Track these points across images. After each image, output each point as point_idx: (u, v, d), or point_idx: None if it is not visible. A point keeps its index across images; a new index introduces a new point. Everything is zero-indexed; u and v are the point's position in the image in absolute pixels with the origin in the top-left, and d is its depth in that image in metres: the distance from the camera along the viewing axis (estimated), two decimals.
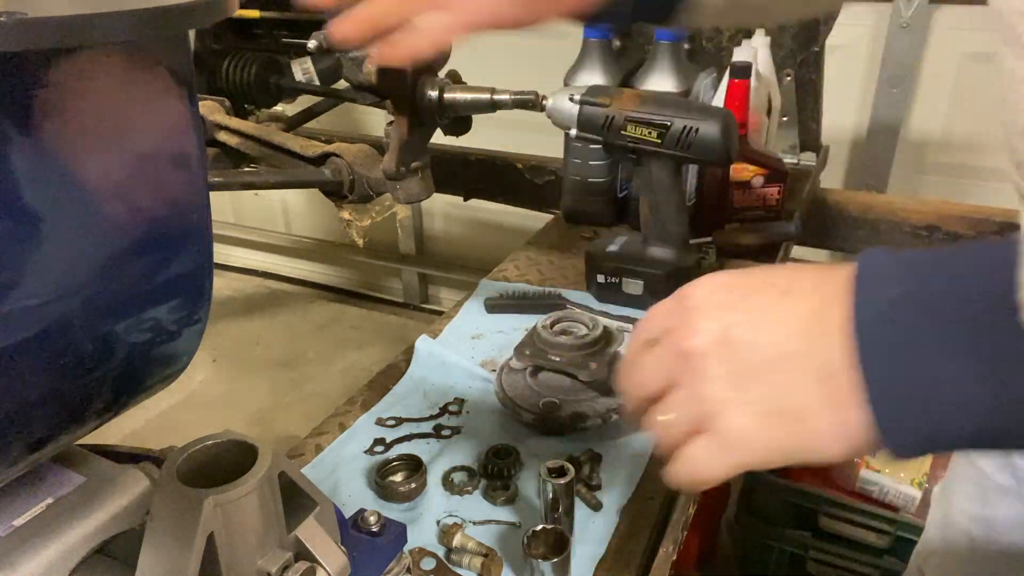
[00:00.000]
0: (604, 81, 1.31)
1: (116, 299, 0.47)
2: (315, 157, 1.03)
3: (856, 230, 1.36)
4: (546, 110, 1.03)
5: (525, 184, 1.69)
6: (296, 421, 2.28)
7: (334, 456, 0.86)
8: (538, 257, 1.32)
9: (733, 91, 1.27)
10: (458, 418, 0.93)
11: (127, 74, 0.44)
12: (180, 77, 0.47)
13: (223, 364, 2.59)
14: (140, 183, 0.47)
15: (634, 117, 1.03)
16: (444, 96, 0.92)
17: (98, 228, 0.45)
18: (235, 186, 1.01)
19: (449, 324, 1.12)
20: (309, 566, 0.49)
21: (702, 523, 1.71)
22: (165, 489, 0.45)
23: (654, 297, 1.26)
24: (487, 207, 1.95)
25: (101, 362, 0.48)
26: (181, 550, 0.44)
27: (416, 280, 2.91)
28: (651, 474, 0.83)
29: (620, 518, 0.77)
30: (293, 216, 3.10)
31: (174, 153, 0.49)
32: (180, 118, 0.48)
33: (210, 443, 0.48)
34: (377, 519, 0.59)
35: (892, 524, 1.43)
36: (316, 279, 3.16)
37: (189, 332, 0.54)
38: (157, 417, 2.22)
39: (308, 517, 0.50)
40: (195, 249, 0.52)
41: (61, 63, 0.40)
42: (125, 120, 0.45)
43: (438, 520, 0.77)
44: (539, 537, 0.67)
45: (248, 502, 0.45)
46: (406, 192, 0.94)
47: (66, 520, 0.50)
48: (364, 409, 0.94)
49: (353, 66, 0.90)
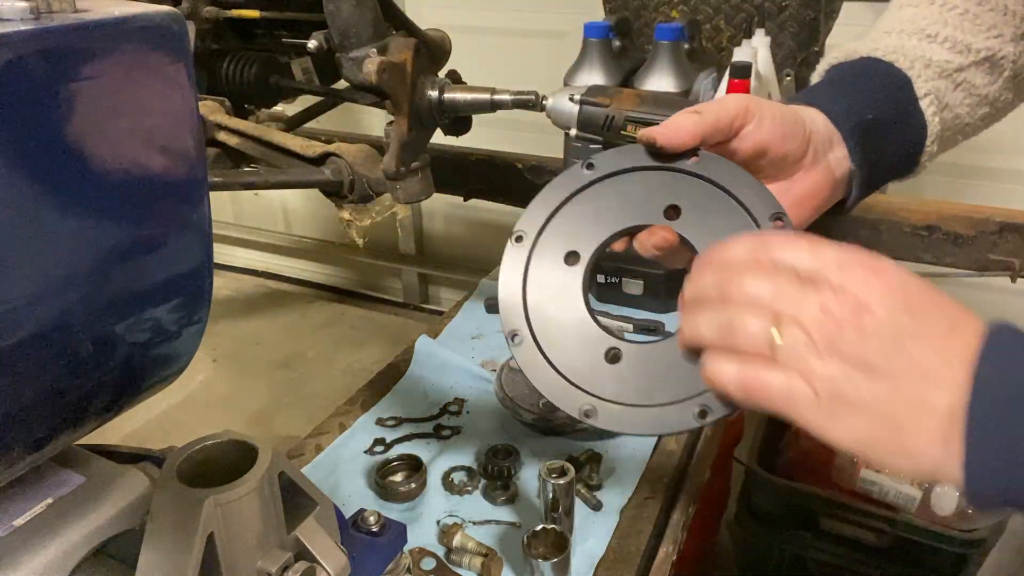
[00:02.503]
0: (604, 81, 1.31)
1: (116, 299, 0.47)
2: (315, 157, 1.03)
3: (857, 229, 1.35)
4: (546, 110, 1.03)
5: (525, 184, 1.69)
6: (296, 421, 2.28)
7: (334, 456, 0.86)
8: None
9: (733, 91, 1.27)
10: (458, 418, 0.93)
11: (127, 75, 0.44)
12: (180, 77, 0.47)
13: (223, 364, 2.58)
14: (140, 183, 0.47)
15: (634, 117, 1.03)
16: (444, 96, 0.92)
17: (98, 228, 0.45)
18: (235, 186, 1.01)
19: (449, 324, 1.12)
20: (309, 566, 0.49)
21: (702, 523, 1.71)
22: (165, 489, 0.45)
23: (654, 297, 1.26)
24: (487, 207, 1.95)
25: (101, 362, 0.48)
26: (181, 550, 0.44)
27: (416, 280, 2.91)
28: (651, 474, 0.83)
29: (620, 518, 0.77)
30: (293, 216, 3.10)
31: (174, 153, 0.49)
32: (180, 118, 0.48)
33: (210, 443, 0.48)
34: (377, 519, 0.59)
35: (892, 524, 1.43)
36: (316, 279, 3.16)
37: (189, 332, 0.54)
38: (157, 417, 2.22)
39: (308, 517, 0.50)
40: (195, 249, 0.52)
41: (61, 64, 0.40)
42: (125, 120, 0.45)
43: (438, 520, 0.77)
44: (539, 537, 0.67)
45: (248, 502, 0.45)
46: (406, 192, 0.94)
47: (66, 520, 0.50)
48: (364, 409, 0.94)
49: (353, 66, 0.90)
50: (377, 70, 0.84)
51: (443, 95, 0.92)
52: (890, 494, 1.47)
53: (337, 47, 0.91)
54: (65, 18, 0.41)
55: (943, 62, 0.66)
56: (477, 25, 2.31)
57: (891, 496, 1.47)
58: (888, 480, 1.46)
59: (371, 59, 0.85)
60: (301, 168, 1.04)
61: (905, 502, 1.46)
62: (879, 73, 0.66)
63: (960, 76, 0.67)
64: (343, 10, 0.88)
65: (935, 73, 0.66)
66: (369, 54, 0.88)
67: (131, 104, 0.45)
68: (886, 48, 0.67)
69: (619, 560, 0.73)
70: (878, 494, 1.47)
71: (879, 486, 1.47)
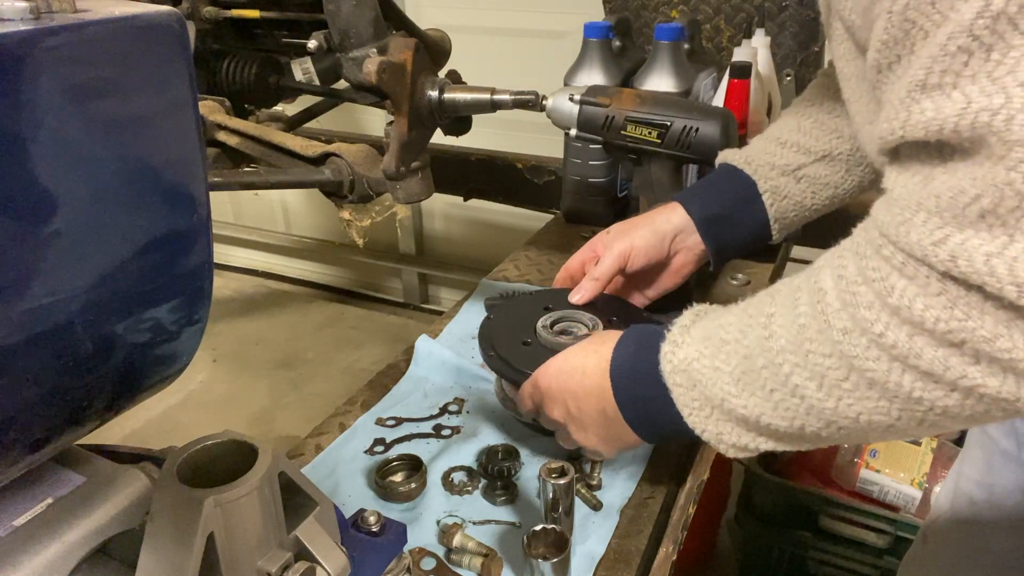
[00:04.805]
0: (604, 81, 1.31)
1: (116, 299, 0.47)
2: (315, 157, 1.03)
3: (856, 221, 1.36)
4: (546, 110, 1.03)
5: (525, 184, 1.69)
6: (296, 421, 2.28)
7: (334, 456, 0.86)
8: (538, 257, 1.32)
9: (733, 91, 1.27)
10: (458, 418, 0.93)
11: (128, 75, 0.44)
12: (180, 77, 0.47)
13: (223, 364, 2.59)
14: (140, 183, 0.47)
15: (634, 117, 1.03)
16: (444, 96, 0.92)
17: (98, 228, 0.45)
18: (235, 186, 1.01)
19: (449, 324, 1.12)
20: (309, 566, 0.49)
21: (702, 523, 1.71)
22: (165, 489, 0.45)
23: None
24: (487, 207, 1.95)
25: (101, 362, 0.48)
26: (181, 550, 0.44)
27: (416, 280, 2.91)
28: (651, 474, 0.83)
29: (620, 518, 0.77)
30: (293, 216, 3.10)
31: (174, 153, 0.49)
32: (180, 118, 0.48)
33: (210, 443, 0.48)
34: (377, 519, 0.59)
35: (892, 524, 1.43)
36: (316, 279, 3.16)
37: (189, 332, 0.54)
38: (157, 417, 2.22)
39: (308, 517, 0.50)
40: (195, 249, 0.52)
41: (61, 64, 0.40)
42: (125, 120, 0.45)
43: (438, 520, 0.77)
44: (539, 537, 0.67)
45: (248, 502, 0.45)
46: (406, 192, 0.94)
47: (66, 520, 0.50)
48: (364, 409, 0.94)
49: (353, 66, 0.90)
50: (377, 70, 0.84)
51: (443, 95, 0.92)
52: (890, 494, 1.47)
53: (337, 47, 0.91)
54: (65, 18, 0.41)
55: (784, 165, 0.92)
56: (477, 25, 2.31)
57: (891, 496, 1.47)
58: (888, 480, 1.46)
59: (371, 59, 0.85)
60: (301, 168, 1.04)
61: (905, 502, 1.46)
62: (729, 177, 0.95)
63: (801, 172, 0.92)
64: (343, 10, 0.88)
65: (778, 173, 0.93)
66: (369, 54, 0.88)
67: (131, 104, 0.45)
68: (741, 157, 0.95)
69: (619, 560, 0.73)
70: (878, 494, 1.48)
71: (879, 486, 1.47)
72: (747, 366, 0.59)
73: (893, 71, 0.46)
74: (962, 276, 0.44)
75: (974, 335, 0.45)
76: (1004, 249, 0.42)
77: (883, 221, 0.49)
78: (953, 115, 0.42)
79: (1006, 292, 0.42)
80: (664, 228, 0.93)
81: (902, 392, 0.50)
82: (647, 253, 0.92)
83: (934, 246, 0.45)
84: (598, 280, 0.91)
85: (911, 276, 0.47)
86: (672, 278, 0.96)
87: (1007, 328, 0.44)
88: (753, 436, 0.62)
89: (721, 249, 0.95)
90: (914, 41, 0.44)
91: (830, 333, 0.52)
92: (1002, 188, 0.41)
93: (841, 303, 0.52)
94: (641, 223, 0.94)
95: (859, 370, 0.51)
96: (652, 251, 0.93)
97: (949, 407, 0.49)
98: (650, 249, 0.92)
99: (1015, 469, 0.87)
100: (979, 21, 0.40)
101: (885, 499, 1.48)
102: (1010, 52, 0.40)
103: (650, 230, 0.93)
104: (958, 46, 0.41)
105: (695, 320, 0.67)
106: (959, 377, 0.47)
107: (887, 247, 0.48)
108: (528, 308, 0.92)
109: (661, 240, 0.93)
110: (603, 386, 0.71)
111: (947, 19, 0.41)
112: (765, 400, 0.58)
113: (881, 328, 0.49)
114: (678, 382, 0.65)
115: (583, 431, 0.75)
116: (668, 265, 0.96)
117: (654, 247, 0.93)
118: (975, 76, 0.41)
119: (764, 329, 0.58)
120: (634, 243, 0.92)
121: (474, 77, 0.99)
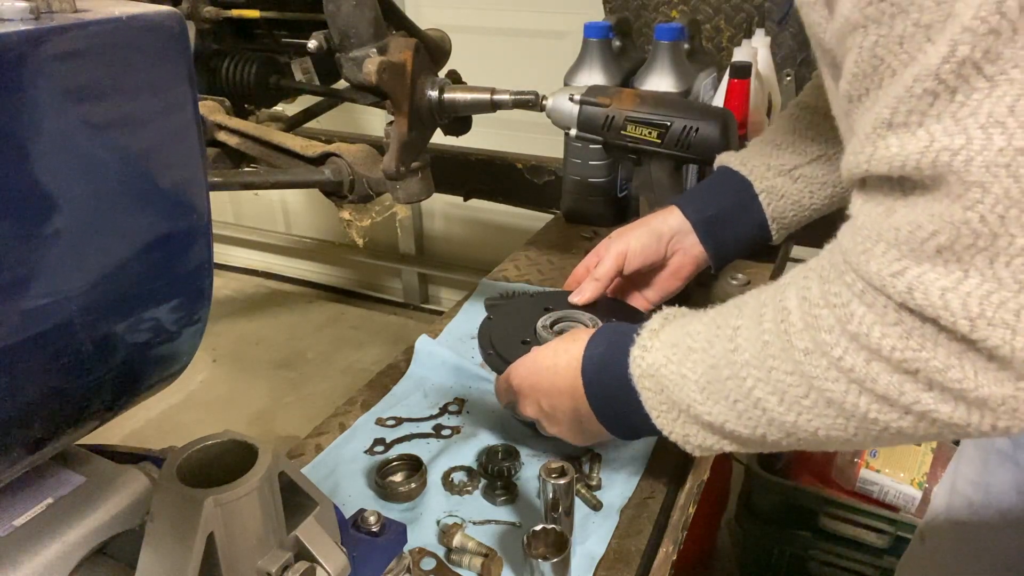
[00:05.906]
0: (604, 81, 1.31)
1: (116, 299, 0.47)
2: (315, 157, 1.03)
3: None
4: (546, 110, 1.03)
5: (525, 184, 1.69)
6: (296, 421, 2.28)
7: (334, 456, 0.86)
8: (538, 257, 1.32)
9: (733, 91, 1.27)
10: (458, 418, 0.93)
11: (128, 75, 0.44)
12: (180, 77, 0.47)
13: (223, 364, 2.59)
14: (140, 183, 0.47)
15: (634, 117, 1.03)
16: (444, 96, 0.92)
17: (98, 228, 0.45)
18: (235, 186, 1.01)
19: (449, 324, 1.12)
20: (309, 566, 0.49)
21: (702, 523, 1.71)
22: (165, 489, 0.45)
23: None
24: (487, 207, 1.95)
25: (101, 362, 0.48)
26: (181, 550, 0.44)
27: (416, 280, 2.91)
28: (651, 474, 0.83)
29: (620, 518, 0.77)
30: (293, 216, 3.10)
31: (174, 153, 0.49)
32: (180, 118, 0.48)
33: (210, 443, 0.48)
34: (377, 519, 0.59)
35: (892, 524, 1.43)
36: (316, 279, 3.16)
37: (189, 332, 0.54)
38: (157, 417, 2.22)
39: (308, 517, 0.50)
40: (195, 249, 0.52)
41: (61, 64, 0.40)
42: (125, 120, 0.45)
43: (438, 520, 0.77)
44: (539, 537, 0.67)
45: (248, 502, 0.45)
46: (406, 192, 0.94)
47: (66, 520, 0.50)
48: (364, 409, 0.94)
49: (353, 66, 0.90)
50: (377, 70, 0.84)
51: (443, 95, 0.92)
52: (890, 494, 1.47)
53: (337, 47, 0.91)
54: (65, 18, 0.41)
55: (780, 165, 0.94)
56: (477, 25, 2.31)
57: (891, 496, 1.47)
58: (888, 480, 1.46)
59: (371, 59, 0.85)
60: (301, 168, 1.04)
61: (905, 502, 1.46)
62: (726, 179, 0.96)
63: (798, 172, 0.94)
64: (343, 10, 0.88)
65: (774, 173, 0.94)
66: (369, 54, 0.87)
67: (131, 104, 0.45)
68: (737, 159, 0.96)
69: (619, 560, 0.73)
70: (878, 494, 1.48)
71: (879, 486, 1.47)
72: (712, 376, 0.61)
73: (862, 103, 0.48)
74: (918, 308, 0.45)
75: (928, 365, 0.46)
76: (958, 284, 0.44)
77: (847, 247, 0.51)
78: (916, 152, 0.43)
79: (959, 326, 0.44)
80: (660, 229, 0.95)
81: (858, 412, 0.52)
82: (643, 254, 0.94)
83: (892, 277, 0.46)
84: (598, 281, 0.92)
85: (870, 304, 0.48)
86: (671, 280, 0.98)
87: (959, 360, 0.45)
88: (718, 439, 0.65)
89: (720, 250, 0.97)
90: (882, 77, 0.45)
91: (792, 352, 0.54)
92: (958, 226, 0.43)
93: (804, 324, 0.53)
94: (638, 225, 0.96)
95: (818, 389, 0.53)
96: (648, 252, 0.94)
97: (903, 428, 0.51)
98: (646, 250, 0.94)
99: (1011, 469, 0.88)
100: (945, 66, 0.41)
101: (885, 499, 1.48)
102: (973, 95, 0.41)
103: (646, 231, 0.95)
104: (924, 88, 0.42)
105: (664, 324, 0.69)
106: (913, 402, 0.48)
107: (849, 273, 0.50)
108: (528, 308, 0.92)
109: (657, 241, 0.95)
110: (575, 385, 0.74)
111: (914, 60, 0.42)
112: (729, 409, 0.61)
113: (840, 352, 0.51)
114: (646, 386, 0.67)
115: (557, 426, 0.78)
116: (666, 267, 0.97)
117: (650, 248, 0.94)
118: (940, 116, 0.42)
119: (730, 342, 0.60)
120: (630, 244, 0.94)
121: (474, 77, 0.99)
